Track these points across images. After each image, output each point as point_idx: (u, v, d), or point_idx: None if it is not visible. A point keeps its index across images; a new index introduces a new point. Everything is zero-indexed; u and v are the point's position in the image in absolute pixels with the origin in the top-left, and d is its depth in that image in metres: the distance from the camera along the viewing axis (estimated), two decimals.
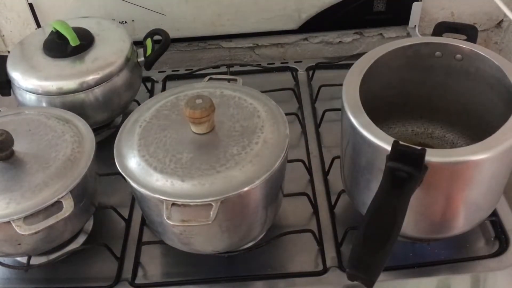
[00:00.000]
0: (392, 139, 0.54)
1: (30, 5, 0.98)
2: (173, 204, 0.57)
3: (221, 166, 0.59)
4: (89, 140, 0.69)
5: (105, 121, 0.87)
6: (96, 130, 0.79)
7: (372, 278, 0.48)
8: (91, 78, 0.79)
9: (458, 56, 0.67)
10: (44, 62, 0.81)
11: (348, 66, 0.66)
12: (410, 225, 0.60)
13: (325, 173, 0.79)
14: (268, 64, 1.01)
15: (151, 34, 0.88)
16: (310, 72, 0.98)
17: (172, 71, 1.02)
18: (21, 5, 0.99)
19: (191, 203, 0.57)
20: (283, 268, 0.69)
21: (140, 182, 0.59)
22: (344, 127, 0.64)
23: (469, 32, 0.70)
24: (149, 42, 0.87)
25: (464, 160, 0.54)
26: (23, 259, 0.71)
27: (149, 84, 0.99)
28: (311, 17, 1.01)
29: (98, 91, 0.80)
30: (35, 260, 0.71)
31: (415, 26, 1.02)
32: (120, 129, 0.67)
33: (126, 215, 0.76)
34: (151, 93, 0.98)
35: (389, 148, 0.54)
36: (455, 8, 1.02)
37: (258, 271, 0.69)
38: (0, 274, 0.72)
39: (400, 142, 0.54)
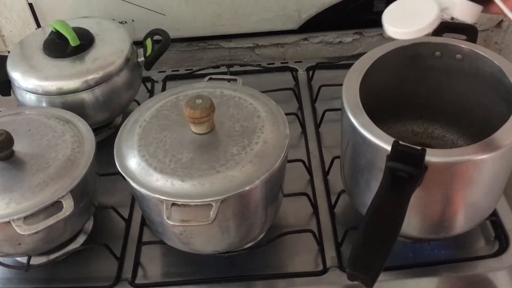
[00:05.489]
0: (392, 139, 0.54)
1: (30, 5, 0.98)
2: (173, 204, 0.57)
3: (221, 166, 0.59)
4: (89, 140, 0.69)
5: (105, 121, 0.87)
6: (96, 130, 0.79)
7: (372, 278, 0.48)
8: (91, 78, 0.79)
9: (458, 56, 0.67)
10: (44, 62, 0.81)
11: (348, 66, 0.66)
12: (410, 225, 0.60)
13: (325, 173, 0.79)
14: (268, 64, 1.01)
15: (151, 34, 0.88)
16: (310, 72, 0.98)
17: (172, 71, 1.02)
18: (21, 5, 0.99)
19: (191, 203, 0.57)
20: (283, 268, 0.69)
21: (140, 182, 0.59)
22: (344, 127, 0.64)
23: (469, 32, 0.70)
24: (149, 42, 0.87)
25: (464, 160, 0.54)
26: (23, 259, 0.71)
27: (149, 84, 0.99)
28: (311, 17, 1.01)
29: (98, 91, 0.80)
30: (35, 260, 0.71)
31: None
32: (120, 129, 0.67)
33: (126, 215, 0.76)
34: (151, 93, 0.98)
35: (389, 148, 0.54)
36: None
37: (258, 271, 0.69)
38: (0, 274, 0.72)
39: (400, 142, 0.54)
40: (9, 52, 1.07)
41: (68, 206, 0.61)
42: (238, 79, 0.74)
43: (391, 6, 0.53)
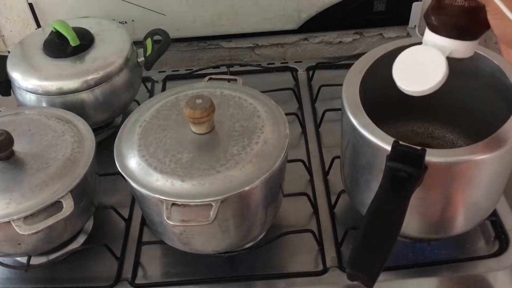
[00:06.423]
0: (392, 139, 0.54)
1: (30, 5, 0.98)
2: (173, 204, 0.57)
3: (221, 166, 0.59)
4: (89, 140, 0.69)
5: (105, 121, 0.87)
6: (96, 130, 0.79)
7: (372, 278, 0.48)
8: (91, 78, 0.79)
9: None
10: (44, 62, 0.81)
11: (348, 66, 0.66)
12: (410, 225, 0.60)
13: (325, 173, 0.79)
14: (268, 64, 1.01)
15: (151, 34, 0.88)
16: (310, 72, 0.98)
17: (172, 71, 1.02)
18: (21, 5, 0.99)
19: (191, 203, 0.57)
20: (283, 268, 0.69)
21: (140, 182, 0.59)
22: (344, 127, 0.64)
23: None
24: (149, 42, 0.87)
25: (464, 160, 0.54)
26: (23, 259, 0.71)
27: (149, 84, 0.99)
28: (311, 17, 1.01)
29: (98, 91, 0.80)
30: (35, 260, 0.71)
31: (415, 26, 1.02)
32: (120, 129, 0.67)
33: (126, 215, 0.76)
34: (151, 93, 0.98)
35: (389, 148, 0.54)
36: None
37: (258, 271, 0.69)
38: (0, 274, 0.72)
39: (400, 142, 0.54)
40: (9, 52, 1.07)
41: (68, 206, 0.61)
42: (238, 79, 0.74)
43: (399, 58, 0.53)
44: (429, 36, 0.52)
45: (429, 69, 0.51)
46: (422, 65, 0.52)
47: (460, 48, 0.51)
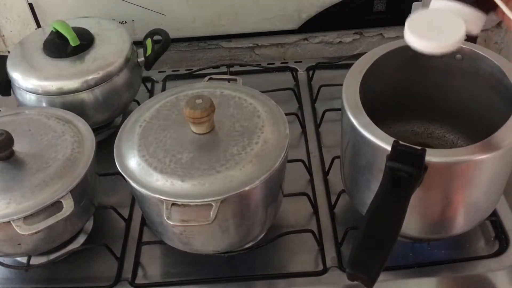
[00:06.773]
0: (392, 139, 0.54)
1: (30, 5, 0.98)
2: (173, 204, 0.57)
3: (221, 166, 0.59)
4: (89, 140, 0.69)
5: (105, 121, 0.87)
6: (96, 130, 0.79)
7: (372, 278, 0.48)
8: (91, 78, 0.79)
9: (458, 56, 0.67)
10: (44, 62, 0.81)
11: (348, 66, 0.66)
12: (410, 225, 0.60)
13: (325, 173, 0.79)
14: (268, 64, 1.01)
15: (151, 34, 0.88)
16: (310, 72, 0.98)
17: (172, 71, 1.02)
18: (21, 5, 0.99)
19: (191, 203, 0.57)
20: (283, 268, 0.69)
21: (140, 182, 0.59)
22: (344, 127, 0.64)
23: None
24: (149, 42, 0.87)
25: (464, 160, 0.54)
26: (23, 259, 0.71)
27: (149, 84, 0.99)
28: (311, 17, 1.01)
29: (98, 91, 0.80)
30: (35, 260, 0.71)
31: None
32: (120, 129, 0.67)
33: (126, 215, 0.76)
34: (151, 93, 0.98)
35: (389, 148, 0.54)
36: None
37: (258, 271, 0.69)
38: (0, 274, 0.72)
39: (400, 142, 0.54)
40: (9, 52, 1.07)
41: (68, 206, 0.61)
42: (238, 79, 0.74)
43: (415, 16, 0.52)
44: (441, 2, 0.50)
45: (447, 30, 0.49)
46: (438, 26, 0.50)
47: (470, 18, 0.49)
